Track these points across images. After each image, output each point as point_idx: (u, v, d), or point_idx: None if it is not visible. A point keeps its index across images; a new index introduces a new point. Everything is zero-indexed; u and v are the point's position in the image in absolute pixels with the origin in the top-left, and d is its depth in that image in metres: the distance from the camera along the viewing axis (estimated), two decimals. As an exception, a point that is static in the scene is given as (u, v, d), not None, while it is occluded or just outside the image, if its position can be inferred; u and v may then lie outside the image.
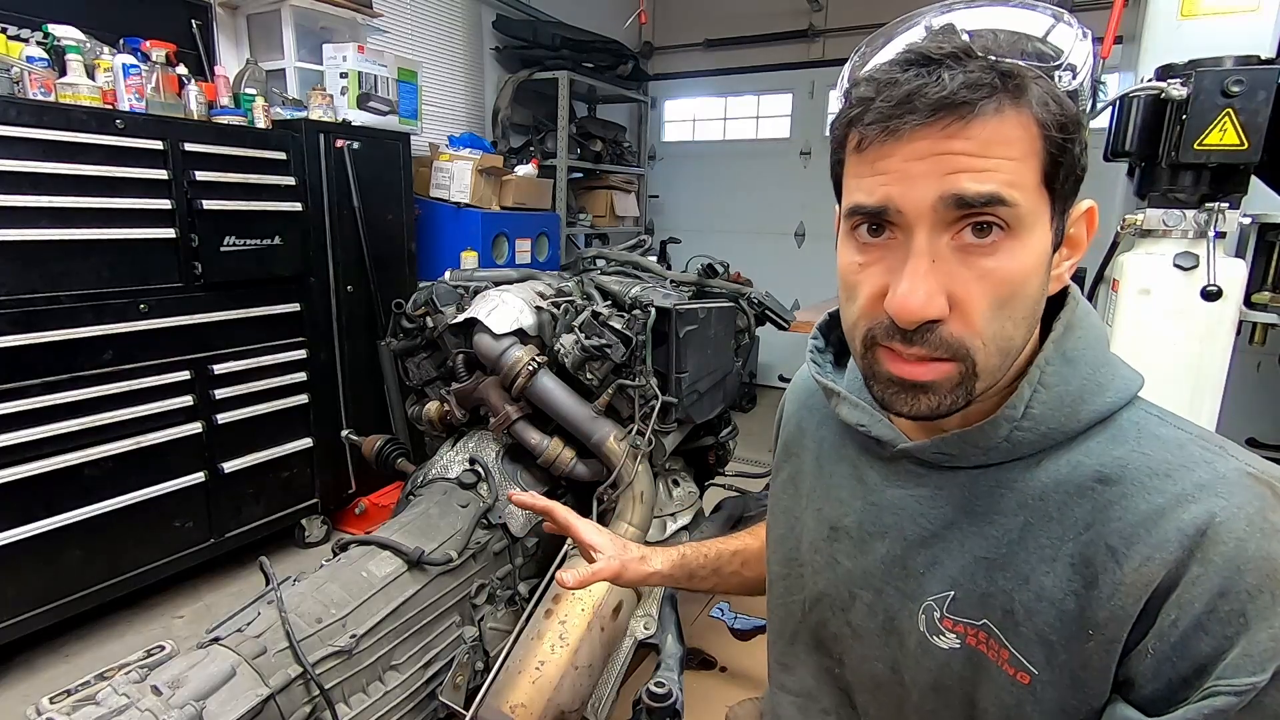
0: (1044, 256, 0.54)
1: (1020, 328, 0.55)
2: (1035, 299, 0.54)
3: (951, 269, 0.52)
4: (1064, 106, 0.50)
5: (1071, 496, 0.55)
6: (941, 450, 0.61)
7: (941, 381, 0.54)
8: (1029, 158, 0.50)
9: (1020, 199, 0.50)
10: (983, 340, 0.53)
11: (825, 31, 4.88)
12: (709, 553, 0.97)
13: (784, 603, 0.79)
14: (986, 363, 0.54)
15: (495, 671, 1.33)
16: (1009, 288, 0.52)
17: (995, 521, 0.59)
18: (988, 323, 0.52)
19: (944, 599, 0.61)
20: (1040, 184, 0.51)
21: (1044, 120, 0.50)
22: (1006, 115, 0.49)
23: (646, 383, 1.60)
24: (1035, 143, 0.50)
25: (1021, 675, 0.56)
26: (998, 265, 0.51)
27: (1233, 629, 0.48)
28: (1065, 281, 0.58)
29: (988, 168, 0.49)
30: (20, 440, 1.90)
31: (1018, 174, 0.50)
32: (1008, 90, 0.49)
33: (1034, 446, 0.57)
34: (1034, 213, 0.51)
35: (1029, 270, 0.52)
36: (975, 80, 0.49)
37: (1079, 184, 0.55)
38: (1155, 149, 1.75)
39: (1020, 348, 0.56)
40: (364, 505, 2.86)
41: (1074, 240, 0.58)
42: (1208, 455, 0.53)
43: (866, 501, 0.68)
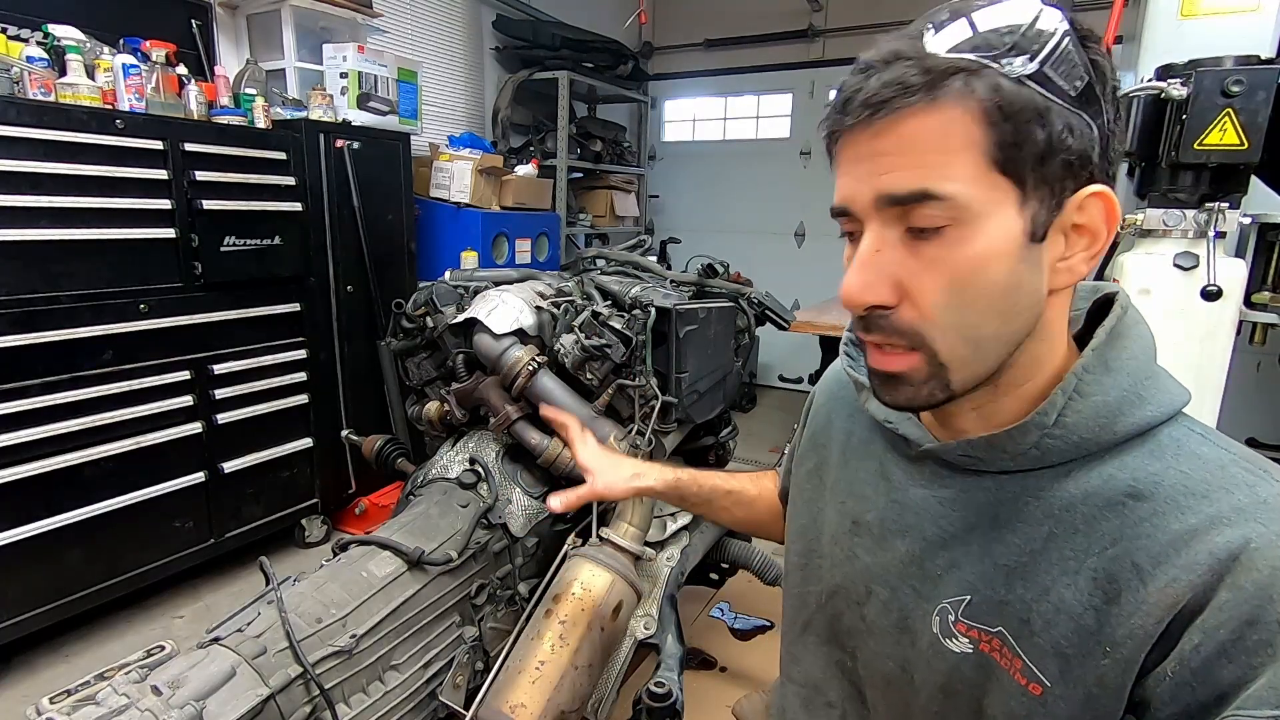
0: (1010, 244, 0.52)
1: (987, 317, 0.53)
2: (1005, 288, 0.53)
3: (900, 258, 0.53)
4: (1008, 92, 0.49)
5: (1101, 510, 0.54)
6: (968, 453, 0.60)
7: (911, 373, 0.56)
8: (967, 149, 0.50)
9: (956, 190, 0.50)
10: (940, 328, 0.54)
11: (825, 31, 4.88)
12: (704, 484, 1.01)
13: (800, 592, 0.79)
14: (951, 352, 0.54)
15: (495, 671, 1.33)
16: (959, 275, 0.52)
17: (1018, 529, 0.58)
18: (942, 310, 0.53)
19: (959, 602, 0.60)
20: (992, 172, 0.51)
21: (983, 107, 0.50)
22: (934, 108, 0.50)
23: (646, 383, 1.60)
24: (973, 131, 0.50)
25: (1034, 686, 0.55)
26: (945, 253, 0.52)
27: (1259, 659, 0.46)
28: (1079, 275, 0.55)
29: (915, 164, 0.51)
30: (20, 440, 1.90)
31: (953, 166, 0.51)
32: (933, 87, 0.50)
33: (1065, 455, 0.56)
34: (984, 201, 0.51)
35: (983, 258, 0.52)
36: (897, 79, 0.50)
37: (1075, 167, 0.52)
38: (1155, 149, 1.75)
39: (999, 340, 0.55)
40: (364, 505, 2.85)
41: (1086, 230, 0.54)
42: (1250, 478, 0.51)
43: (889, 499, 0.67)
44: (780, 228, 5.24)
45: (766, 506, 1.02)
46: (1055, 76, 0.50)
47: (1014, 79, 0.49)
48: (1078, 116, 0.51)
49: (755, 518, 1.02)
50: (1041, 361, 0.58)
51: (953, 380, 0.56)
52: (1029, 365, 0.58)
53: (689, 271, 2.05)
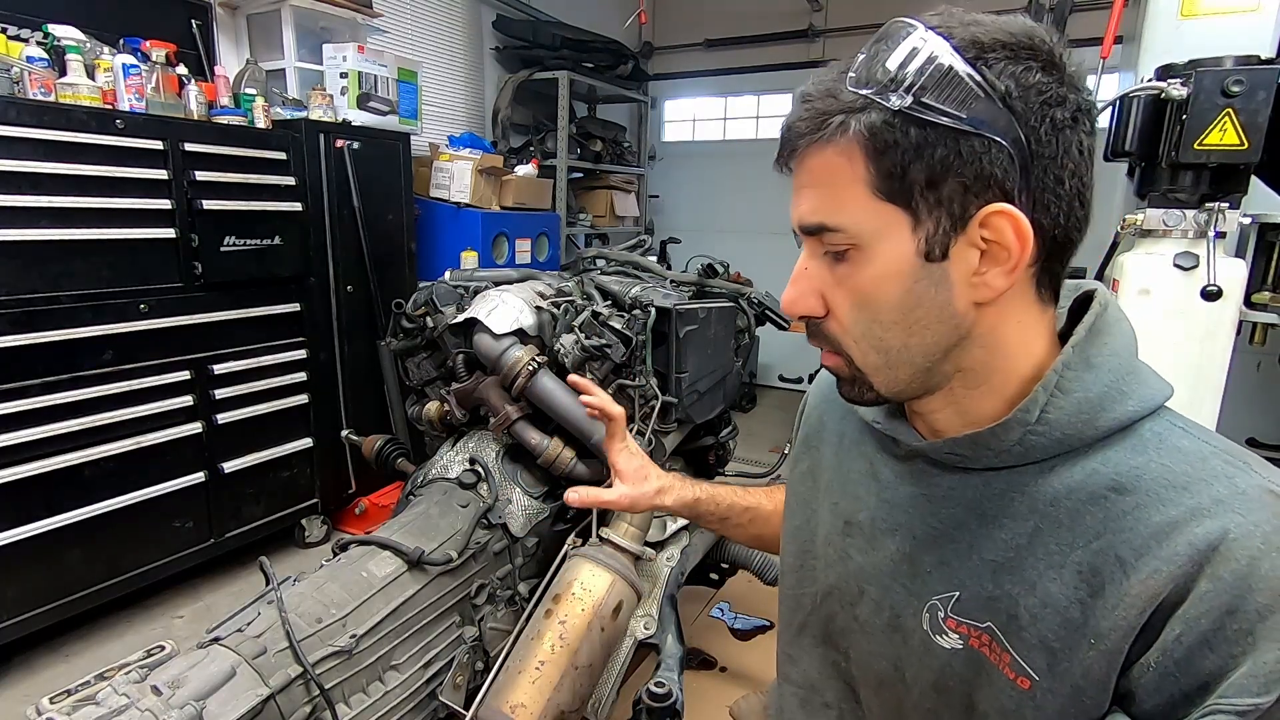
0: (900, 265, 0.55)
1: (892, 331, 0.58)
2: (904, 305, 0.56)
3: (823, 275, 0.60)
4: (883, 127, 0.52)
5: (1084, 504, 0.55)
6: (954, 451, 0.61)
7: (840, 371, 0.63)
8: (854, 182, 0.54)
9: (847, 221, 0.55)
10: (852, 338, 0.60)
11: (825, 31, 4.88)
12: (721, 502, 1.01)
13: (795, 594, 0.80)
14: (864, 360, 0.60)
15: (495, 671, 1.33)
16: (861, 294, 0.57)
17: (1005, 525, 0.58)
18: (853, 323, 0.59)
19: (949, 599, 0.61)
20: (878, 200, 0.54)
21: (865, 142, 0.53)
22: (825, 147, 0.55)
23: (646, 383, 1.60)
24: (857, 165, 0.54)
25: (1022, 680, 0.56)
26: (850, 273, 0.57)
27: (1239, 648, 0.47)
28: (998, 289, 0.55)
29: (816, 197, 0.57)
30: (20, 440, 1.90)
31: (843, 199, 0.55)
32: (821, 127, 0.55)
33: (1048, 451, 0.57)
34: (874, 228, 0.55)
35: (879, 279, 0.56)
36: (798, 118, 0.56)
37: (975, 187, 0.52)
38: (1155, 149, 1.75)
39: (909, 350, 0.58)
40: (364, 505, 2.86)
41: (998, 246, 0.54)
42: (1229, 470, 0.52)
43: (880, 498, 0.68)
44: (780, 228, 5.16)
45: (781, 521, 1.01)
46: (938, 103, 0.51)
47: (894, 111, 0.51)
48: (973, 138, 0.51)
49: (774, 533, 1.00)
50: (996, 366, 0.59)
51: (875, 383, 0.61)
52: (980, 370, 0.59)
53: (689, 271, 2.05)
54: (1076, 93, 0.53)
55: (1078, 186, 0.54)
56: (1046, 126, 0.52)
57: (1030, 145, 0.52)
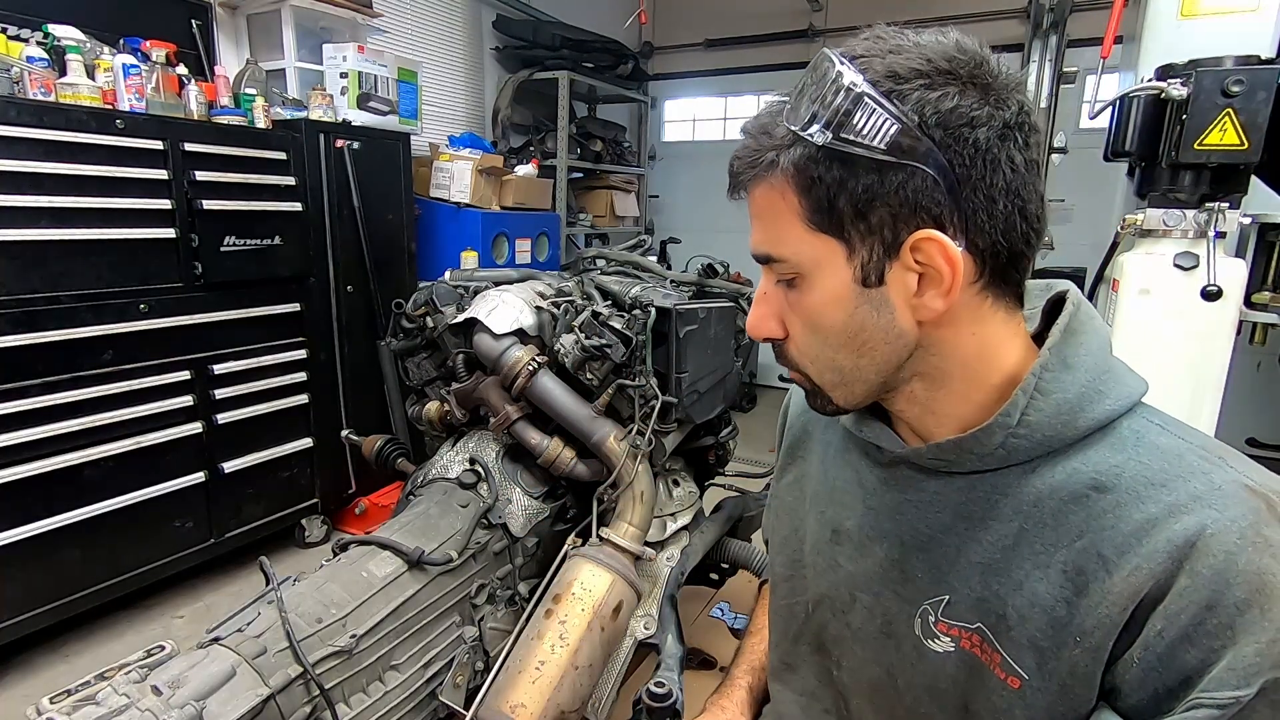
0: (838, 291, 0.57)
1: (842, 353, 0.60)
2: (849, 329, 0.58)
3: (779, 300, 0.62)
4: (807, 165, 0.54)
5: (1067, 504, 0.55)
6: (938, 456, 0.61)
7: (804, 385, 0.66)
8: (789, 215, 0.56)
9: (788, 253, 0.58)
10: (808, 359, 0.63)
11: (825, 31, 4.88)
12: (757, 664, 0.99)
13: (788, 604, 0.79)
14: (820, 378, 0.63)
15: (495, 671, 1.33)
16: (808, 319, 0.60)
17: (991, 527, 0.59)
18: (807, 345, 0.62)
19: (939, 603, 0.61)
20: (812, 232, 0.56)
21: (794, 179, 0.55)
22: (763, 183, 0.57)
23: (646, 383, 1.60)
24: (790, 199, 0.56)
25: (1012, 680, 0.56)
26: (797, 299, 0.60)
27: (1219, 642, 0.48)
28: (936, 310, 0.56)
29: (762, 229, 0.59)
30: (20, 440, 1.90)
31: (781, 231, 0.57)
32: (755, 164, 0.57)
33: (1030, 453, 0.57)
34: (811, 258, 0.57)
35: (822, 304, 0.58)
36: (736, 156, 0.59)
37: (904, 214, 0.53)
38: (1155, 149, 1.75)
39: (861, 369, 0.60)
40: (364, 505, 2.85)
41: (930, 268, 0.54)
42: (1205, 466, 0.53)
43: (866, 505, 0.69)
44: (780, 228, 5.23)
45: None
46: (855, 136, 0.51)
47: (817, 147, 0.53)
48: (895, 167, 0.52)
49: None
50: (960, 370, 0.59)
51: (835, 398, 0.64)
52: (937, 374, 0.60)
53: (689, 271, 2.05)
54: (1003, 109, 0.52)
55: (1016, 202, 0.54)
56: (969, 149, 0.52)
57: (954, 169, 0.52)
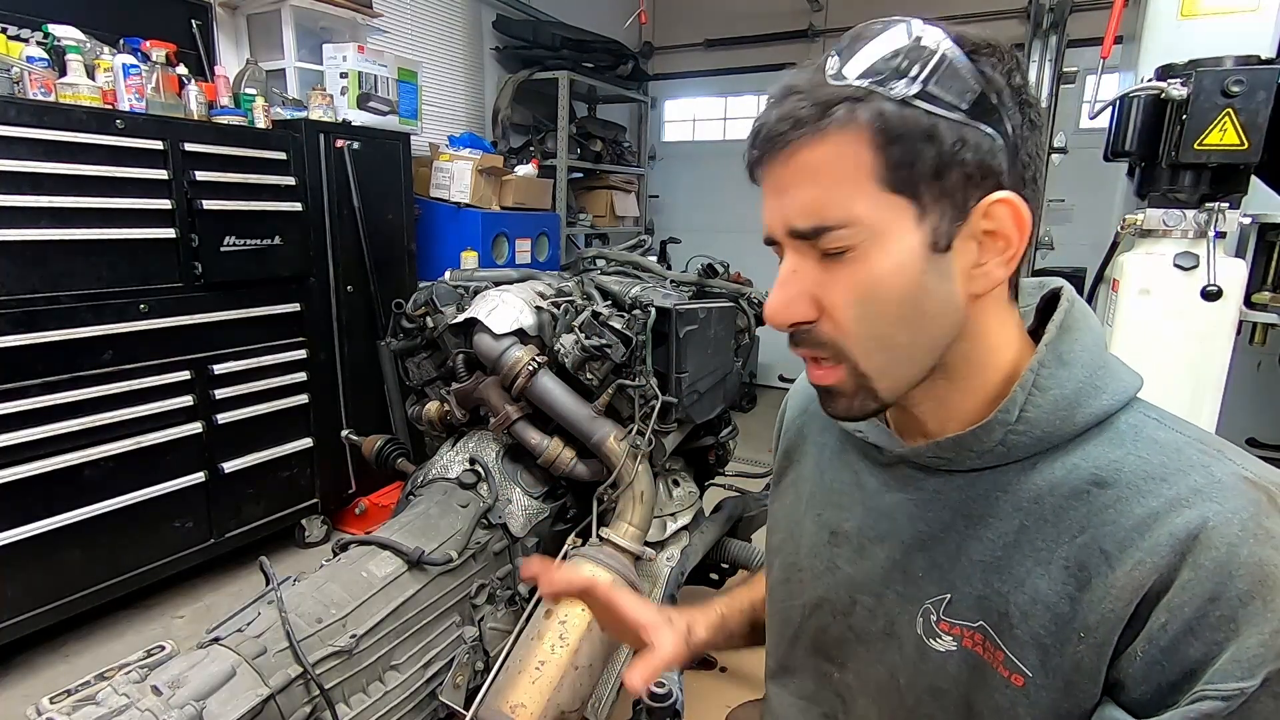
0: (907, 258, 0.54)
1: (899, 328, 0.56)
2: (912, 299, 0.55)
3: (816, 277, 0.57)
4: (891, 115, 0.51)
5: (1067, 500, 0.56)
6: (937, 454, 0.61)
7: (840, 385, 0.59)
8: (858, 173, 0.52)
9: (851, 217, 0.53)
10: (855, 340, 0.57)
11: (825, 31, 4.88)
12: (743, 606, 0.93)
13: (784, 607, 0.79)
14: (870, 362, 0.57)
15: (495, 671, 1.33)
16: (866, 291, 0.55)
17: (991, 525, 0.59)
18: (857, 323, 0.56)
19: (941, 602, 0.61)
20: (885, 192, 0.53)
21: (871, 131, 0.52)
22: (825, 138, 0.53)
23: (646, 383, 1.60)
24: (863, 155, 0.52)
25: (1016, 677, 0.56)
26: (851, 271, 0.55)
27: (1222, 634, 0.48)
28: (997, 279, 0.56)
29: (812, 195, 0.54)
30: (20, 440, 1.90)
31: (844, 192, 0.53)
32: (822, 117, 0.52)
33: (1029, 450, 0.57)
34: (880, 221, 0.53)
35: (888, 272, 0.54)
36: (789, 113, 0.53)
37: (976, 177, 0.53)
38: (1155, 149, 1.75)
39: (915, 348, 0.57)
40: (364, 505, 2.85)
41: (998, 236, 0.55)
42: (1204, 459, 0.53)
43: (866, 506, 0.68)
44: (780, 228, 5.24)
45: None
46: (941, 93, 0.51)
47: (898, 101, 0.51)
48: (972, 128, 0.52)
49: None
50: (978, 361, 0.59)
51: (879, 389, 0.58)
52: (963, 365, 0.59)
53: (689, 271, 2.05)
54: (1036, 99, 0.55)
55: (1041, 185, 0.57)
56: (1025, 124, 0.54)
57: (1013, 135, 0.54)
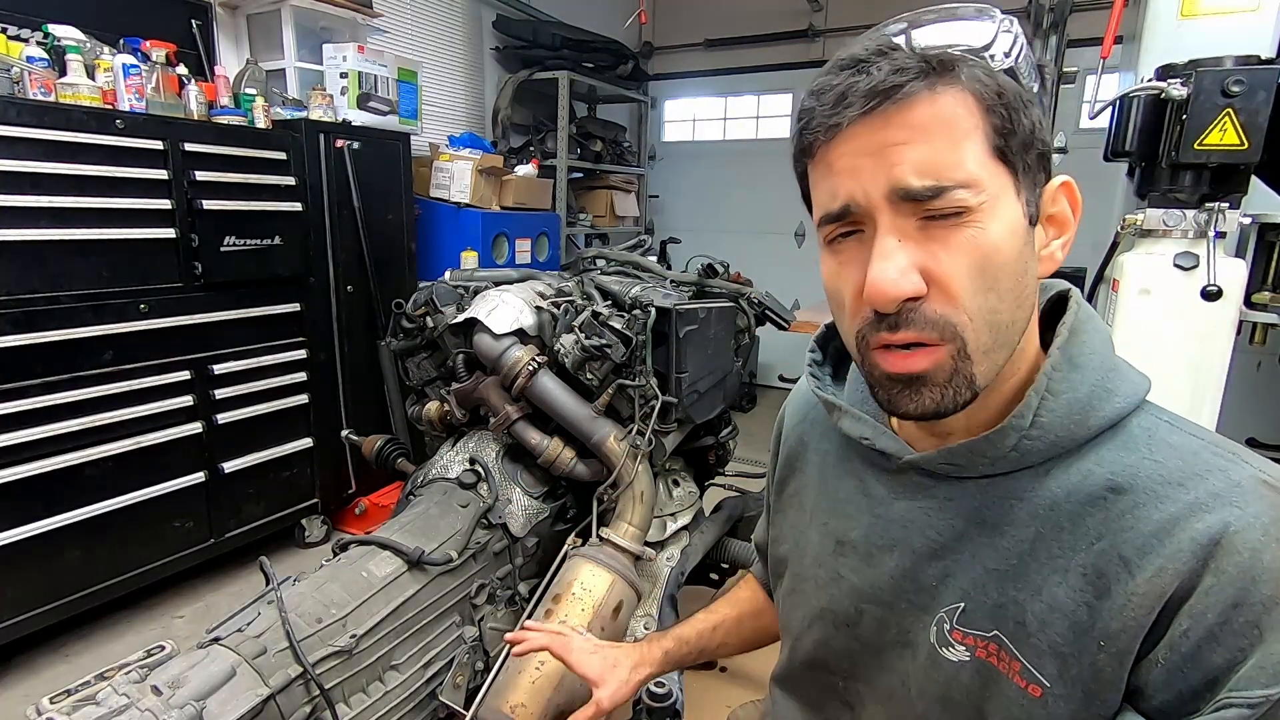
0: (1016, 226, 0.52)
1: (1006, 301, 0.53)
2: (1017, 271, 0.52)
3: (923, 245, 0.52)
4: (1000, 81, 0.51)
5: (1083, 506, 0.54)
6: (949, 461, 0.60)
7: (936, 370, 0.53)
8: (973, 133, 0.51)
9: (972, 177, 0.50)
10: (969, 315, 0.52)
11: (825, 31, 4.88)
12: (689, 639, 0.97)
13: (789, 617, 0.78)
14: (977, 341, 0.53)
15: (495, 671, 1.33)
16: (983, 257, 0.51)
17: (1006, 532, 0.58)
18: (971, 296, 0.52)
19: (954, 610, 0.60)
20: (993, 158, 0.51)
21: (982, 94, 0.50)
22: (940, 94, 0.50)
23: (646, 383, 1.60)
24: (976, 117, 0.50)
25: (1033, 688, 0.55)
26: (967, 237, 0.51)
27: (1246, 641, 0.47)
28: (1059, 262, 0.57)
29: (928, 154, 0.50)
30: (20, 440, 1.90)
31: (963, 151, 0.50)
32: (936, 72, 0.50)
33: (1043, 455, 0.56)
34: (992, 183, 0.51)
35: (1001, 239, 0.51)
36: (901, 65, 0.50)
37: (1045, 160, 0.54)
38: (1155, 149, 1.75)
39: (1013, 327, 0.54)
40: (364, 505, 2.85)
41: (1058, 219, 0.57)
42: (1222, 462, 0.52)
43: (873, 515, 0.67)
44: (780, 228, 5.24)
45: (753, 612, 0.99)
46: (1021, 73, 0.52)
47: (1002, 70, 0.52)
48: (1039, 106, 0.53)
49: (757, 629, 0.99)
50: (1019, 357, 0.58)
51: (976, 375, 0.54)
52: (1015, 359, 0.58)
53: (689, 271, 2.05)
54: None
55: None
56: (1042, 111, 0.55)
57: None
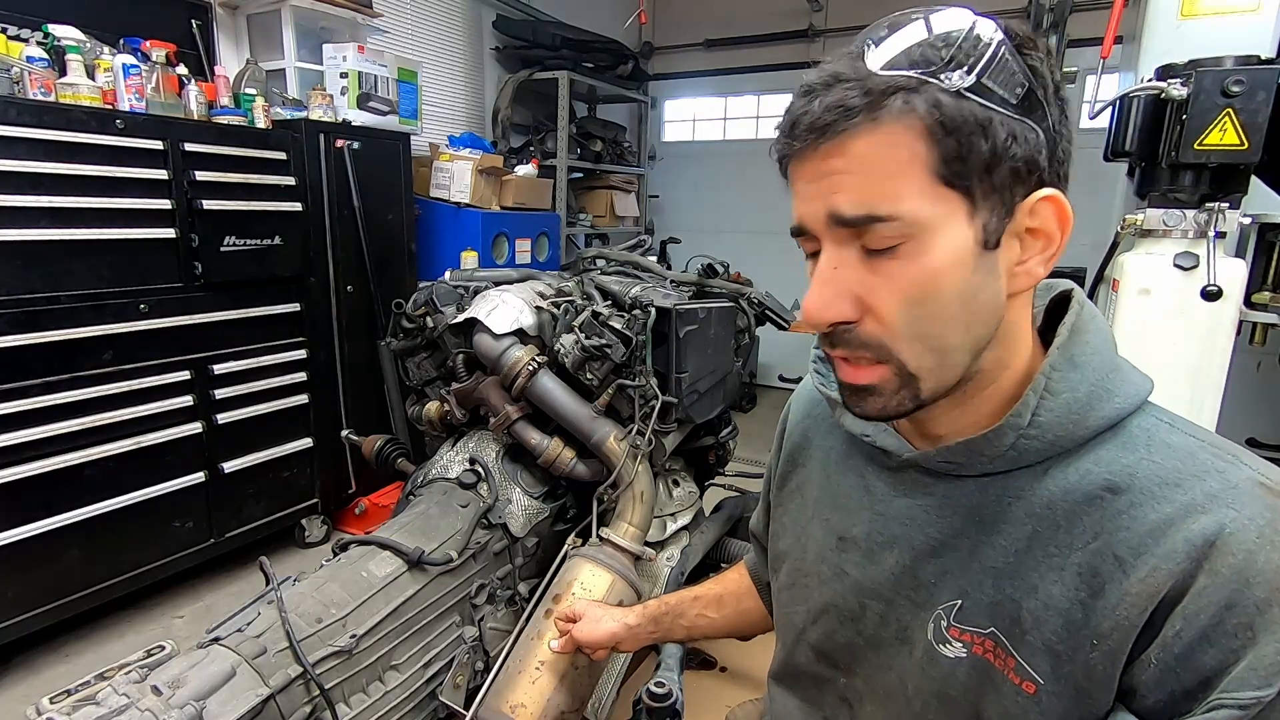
0: (963, 254, 0.52)
1: (950, 326, 0.54)
2: (963, 297, 0.53)
3: (860, 274, 0.54)
4: (948, 107, 0.49)
5: (1080, 505, 0.55)
6: (947, 459, 0.60)
7: (882, 384, 0.56)
8: (911, 165, 0.51)
9: (904, 210, 0.51)
10: (904, 340, 0.54)
11: (825, 31, 4.88)
12: (669, 600, 1.03)
13: (788, 612, 0.79)
14: (919, 363, 0.55)
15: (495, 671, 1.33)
16: (920, 288, 0.52)
17: (1003, 530, 0.58)
18: (905, 323, 0.53)
19: (951, 608, 0.61)
20: (938, 186, 0.51)
21: (926, 123, 0.50)
22: (880, 126, 0.50)
23: (646, 383, 1.60)
24: (918, 146, 0.50)
25: (1027, 685, 0.56)
26: (900, 268, 0.52)
27: (1239, 642, 0.47)
28: (1038, 277, 0.55)
29: (862, 185, 0.51)
30: (20, 440, 1.90)
31: (899, 182, 0.51)
32: (874, 107, 0.50)
33: (1041, 454, 0.56)
34: (933, 216, 0.51)
35: (942, 268, 0.52)
36: (839, 102, 0.51)
37: (1023, 173, 0.52)
38: (1155, 149, 1.75)
39: (963, 348, 0.55)
40: (364, 505, 2.85)
41: (1040, 234, 0.54)
42: (1220, 464, 0.52)
43: (874, 512, 0.68)
44: (780, 228, 5.13)
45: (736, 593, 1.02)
46: (994, 86, 0.50)
47: (953, 92, 0.49)
48: (1021, 123, 0.51)
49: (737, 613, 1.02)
50: (1006, 363, 0.59)
51: (923, 389, 0.56)
52: (995, 368, 0.58)
53: (689, 271, 2.05)
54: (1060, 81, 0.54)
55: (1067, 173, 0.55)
56: (1062, 120, 0.53)
57: (1052, 135, 0.53)
